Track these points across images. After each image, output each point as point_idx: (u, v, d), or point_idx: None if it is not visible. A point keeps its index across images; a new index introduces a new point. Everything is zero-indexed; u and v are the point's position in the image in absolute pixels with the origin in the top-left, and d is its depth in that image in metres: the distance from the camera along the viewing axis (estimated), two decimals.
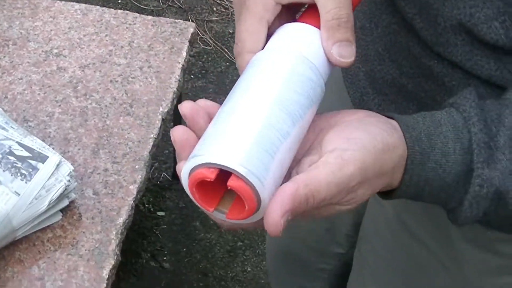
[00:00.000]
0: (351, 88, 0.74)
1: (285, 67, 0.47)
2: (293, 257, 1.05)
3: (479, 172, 0.48)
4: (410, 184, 0.49)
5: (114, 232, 0.97)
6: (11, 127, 0.99)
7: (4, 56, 1.23)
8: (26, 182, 0.92)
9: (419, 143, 0.49)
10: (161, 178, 1.76)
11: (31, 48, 1.25)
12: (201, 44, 2.13)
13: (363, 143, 0.45)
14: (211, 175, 0.41)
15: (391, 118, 0.50)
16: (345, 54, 0.49)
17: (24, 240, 0.95)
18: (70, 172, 0.96)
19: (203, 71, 2.07)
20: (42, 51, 1.25)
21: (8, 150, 0.94)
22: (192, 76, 2.04)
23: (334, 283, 1.06)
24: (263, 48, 0.50)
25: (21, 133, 0.98)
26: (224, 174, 0.42)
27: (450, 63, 0.59)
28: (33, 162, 0.94)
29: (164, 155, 1.82)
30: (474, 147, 0.49)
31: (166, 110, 1.17)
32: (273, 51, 0.48)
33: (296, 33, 0.50)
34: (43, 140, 1.05)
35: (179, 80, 1.22)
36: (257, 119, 0.43)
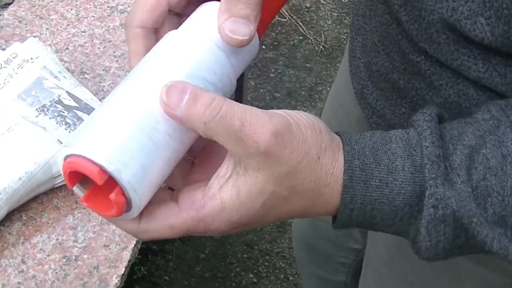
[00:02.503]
0: (354, 79, 0.70)
1: (190, 57, 0.43)
2: (316, 249, 1.04)
3: (432, 190, 0.42)
4: (353, 207, 0.44)
5: None
6: (64, 76, 1.00)
7: (71, 9, 1.25)
8: (69, 132, 0.93)
9: (360, 157, 0.44)
10: None
11: (98, 3, 1.26)
12: (276, 16, 2.09)
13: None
14: (83, 169, 0.40)
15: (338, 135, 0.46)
16: (237, 31, 0.43)
17: (64, 189, 0.96)
18: None
19: (275, 43, 2.03)
20: (108, 7, 1.26)
21: (57, 99, 0.95)
22: (263, 46, 2.02)
23: (354, 278, 1.04)
24: (155, 26, 0.47)
25: (72, 83, 0.99)
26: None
27: (437, 61, 0.53)
28: (79, 113, 0.95)
29: None
30: (425, 161, 0.43)
31: None
32: (179, 36, 0.45)
33: (208, 15, 0.46)
34: (96, 93, 1.06)
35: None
36: (135, 116, 0.41)
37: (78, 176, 0.41)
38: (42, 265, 0.88)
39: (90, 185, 0.42)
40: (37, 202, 0.94)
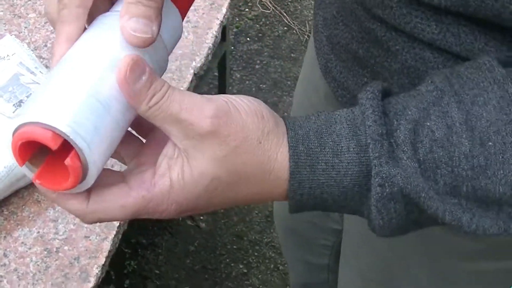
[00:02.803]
0: (319, 54, 0.70)
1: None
2: (298, 233, 1.04)
3: (377, 169, 0.42)
4: (302, 192, 0.44)
5: None
6: (40, 71, 1.01)
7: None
8: None
9: (304, 141, 0.43)
10: None
11: None
12: (260, 8, 2.10)
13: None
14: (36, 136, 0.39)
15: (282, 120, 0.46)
16: (139, 29, 0.42)
17: None
18: None
19: (260, 35, 2.04)
20: None
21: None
22: (248, 39, 2.02)
23: (337, 260, 1.04)
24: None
25: None
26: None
27: (392, 26, 0.53)
28: None
29: None
30: (369, 141, 0.43)
31: (199, 65, 1.15)
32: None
33: None
34: None
35: (216, 36, 1.20)
36: (85, 82, 0.41)
37: (29, 152, 0.41)
38: (23, 258, 0.89)
39: (41, 162, 0.42)
40: (18, 196, 0.94)
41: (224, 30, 1.32)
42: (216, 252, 1.54)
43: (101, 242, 0.91)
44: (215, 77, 1.67)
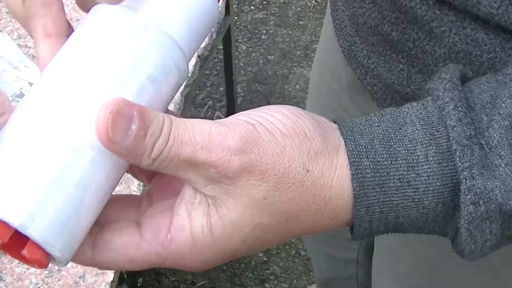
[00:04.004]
0: (340, 36, 0.60)
1: (123, 50, 0.33)
2: None
3: (468, 184, 0.33)
4: (371, 219, 0.35)
5: None
6: (25, 66, 0.90)
7: None
8: None
9: (369, 154, 0.34)
10: (214, 117, 1.66)
11: None
12: None
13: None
14: None
15: (334, 122, 0.36)
16: None
17: None
18: None
19: (264, 2, 1.92)
20: None
21: (18, 92, 0.85)
22: (252, 7, 1.90)
23: (366, 254, 0.96)
24: None
25: (35, 72, 0.89)
26: None
27: (436, 2, 0.43)
28: None
29: (218, 93, 1.71)
30: (454, 147, 0.33)
31: (203, 46, 1.04)
32: (102, 20, 0.34)
33: None
34: None
35: (220, 12, 1.09)
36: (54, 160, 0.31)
37: None
38: (22, 280, 0.81)
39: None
40: None
41: (227, 3, 1.20)
42: None
43: None
44: (219, 51, 1.56)
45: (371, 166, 0.34)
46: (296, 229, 0.35)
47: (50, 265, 0.31)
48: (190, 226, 0.33)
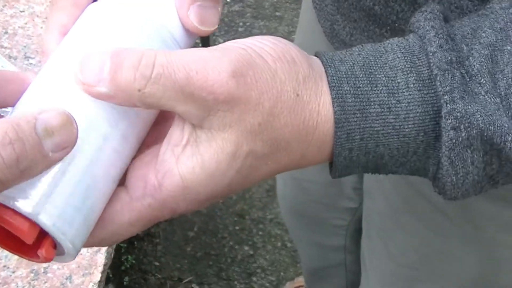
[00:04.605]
0: (320, 16, 0.60)
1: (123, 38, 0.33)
2: (307, 215, 0.95)
3: (449, 107, 0.33)
4: (351, 146, 0.34)
5: None
6: (1, 66, 0.88)
7: None
8: None
9: (350, 79, 0.34)
10: None
11: None
12: None
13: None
14: None
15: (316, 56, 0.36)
16: (208, 20, 0.35)
17: None
18: None
19: None
20: None
21: None
22: (228, 0, 1.89)
23: (353, 239, 0.96)
24: None
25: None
26: None
27: None
28: None
29: None
30: (435, 72, 0.33)
31: None
32: (112, 6, 0.34)
33: None
34: None
35: None
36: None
37: None
38: (8, 284, 0.79)
39: None
40: None
41: None
42: (218, 236, 1.45)
43: (94, 255, 0.82)
44: (197, 45, 1.55)
45: (352, 91, 0.34)
46: (285, 158, 0.34)
47: (35, 267, 0.31)
48: (179, 169, 0.32)
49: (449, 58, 0.34)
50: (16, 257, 0.81)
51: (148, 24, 0.34)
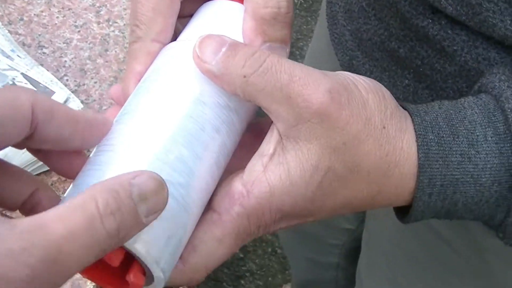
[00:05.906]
0: (338, 50, 0.61)
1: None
2: (304, 232, 0.97)
3: None
4: (432, 191, 0.36)
5: None
6: (18, 55, 0.89)
7: None
8: None
9: (434, 129, 0.36)
10: None
11: None
12: None
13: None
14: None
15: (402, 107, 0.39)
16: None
17: None
18: (79, 109, 0.85)
19: None
20: None
21: (11, 82, 0.84)
22: None
23: (347, 258, 0.98)
24: (173, 37, 0.38)
25: (28, 63, 0.88)
26: None
27: (449, 22, 0.45)
28: None
29: None
30: None
31: None
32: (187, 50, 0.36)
33: (222, 19, 0.38)
34: (57, 70, 0.95)
35: None
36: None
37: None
38: None
39: None
40: None
41: None
42: None
43: None
44: None
45: (436, 140, 0.36)
46: (364, 189, 0.36)
47: None
48: (266, 176, 0.34)
49: None
50: None
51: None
